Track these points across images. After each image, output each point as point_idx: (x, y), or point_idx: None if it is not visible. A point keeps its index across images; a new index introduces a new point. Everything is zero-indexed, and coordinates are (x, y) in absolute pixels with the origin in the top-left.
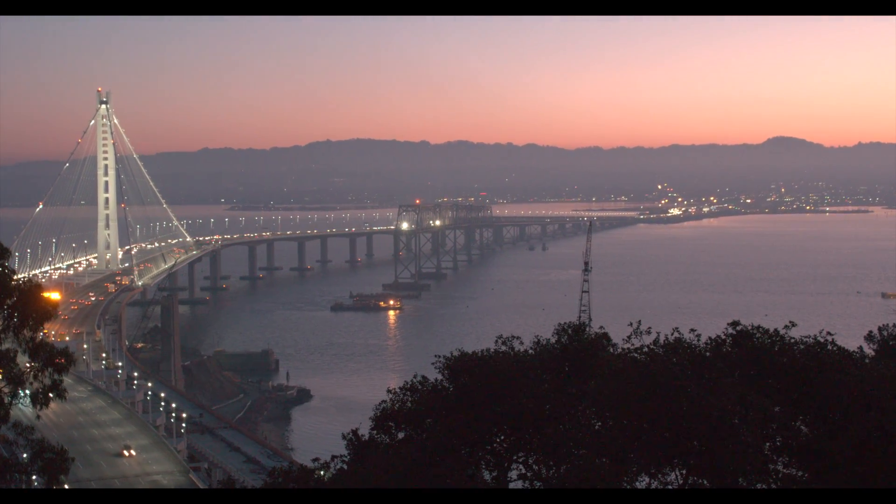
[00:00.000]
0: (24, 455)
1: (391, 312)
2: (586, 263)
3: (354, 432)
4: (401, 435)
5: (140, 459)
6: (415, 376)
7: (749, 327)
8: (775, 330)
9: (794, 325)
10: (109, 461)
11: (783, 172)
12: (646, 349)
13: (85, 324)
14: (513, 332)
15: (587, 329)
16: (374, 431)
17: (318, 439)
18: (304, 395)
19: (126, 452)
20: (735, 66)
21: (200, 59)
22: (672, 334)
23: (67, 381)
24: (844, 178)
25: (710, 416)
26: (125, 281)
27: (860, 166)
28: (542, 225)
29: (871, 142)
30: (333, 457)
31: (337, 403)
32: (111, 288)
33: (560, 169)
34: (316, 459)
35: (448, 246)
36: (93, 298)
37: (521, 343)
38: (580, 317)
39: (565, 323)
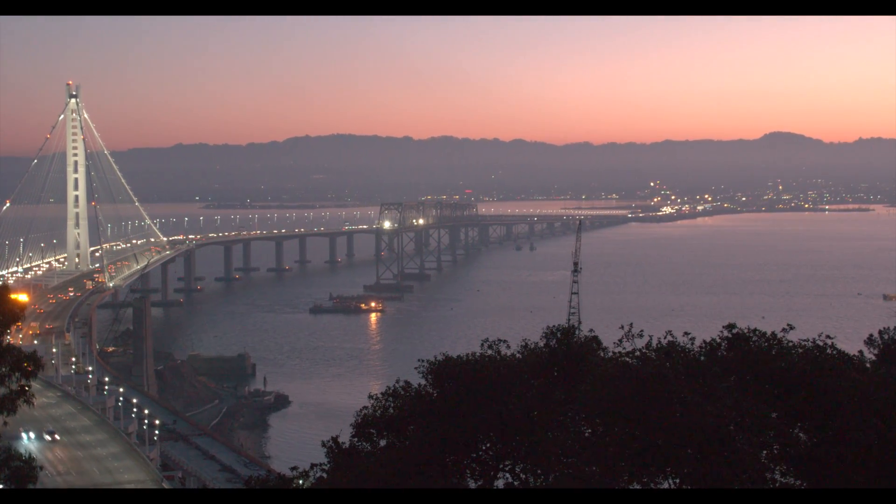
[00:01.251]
0: None
1: (372, 315)
2: (575, 264)
3: (334, 440)
4: (382, 442)
5: (111, 467)
6: (397, 381)
7: (745, 330)
8: (773, 333)
9: (792, 328)
10: (78, 468)
11: (781, 169)
12: (637, 353)
13: (54, 326)
14: (499, 335)
15: (577, 332)
16: (355, 439)
17: (296, 447)
18: (281, 401)
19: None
20: (731, 59)
21: (174, 51)
22: (665, 338)
23: (35, 386)
24: (844, 175)
25: (704, 423)
26: (101, 279)
27: (861, 163)
28: (530, 224)
29: (872, 137)
30: (313, 465)
31: (316, 410)
32: (83, 287)
33: (548, 165)
34: (294, 468)
35: (432, 246)
36: (71, 293)
37: (508, 347)
38: (569, 319)
39: (554, 326)
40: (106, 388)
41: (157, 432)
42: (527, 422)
